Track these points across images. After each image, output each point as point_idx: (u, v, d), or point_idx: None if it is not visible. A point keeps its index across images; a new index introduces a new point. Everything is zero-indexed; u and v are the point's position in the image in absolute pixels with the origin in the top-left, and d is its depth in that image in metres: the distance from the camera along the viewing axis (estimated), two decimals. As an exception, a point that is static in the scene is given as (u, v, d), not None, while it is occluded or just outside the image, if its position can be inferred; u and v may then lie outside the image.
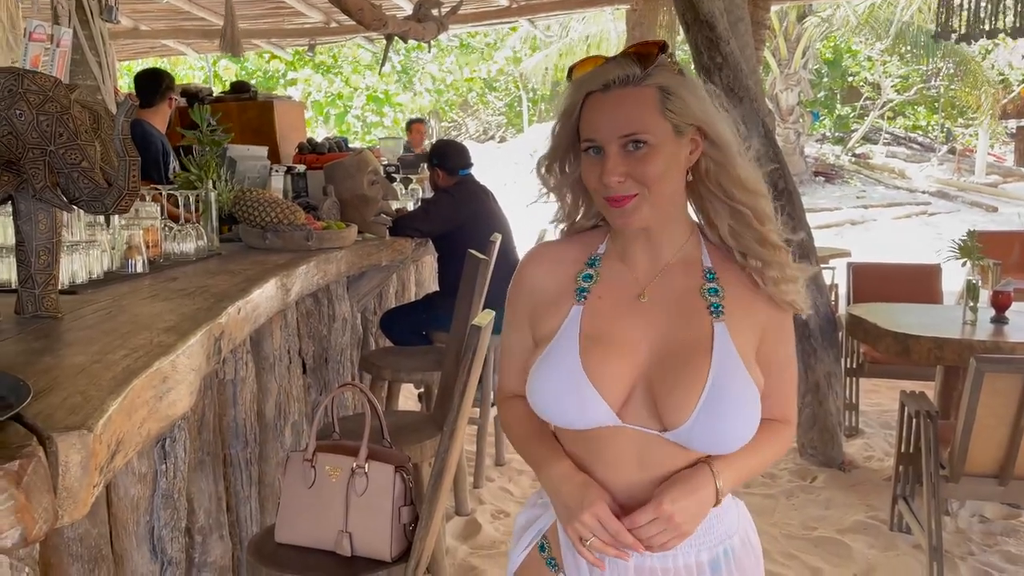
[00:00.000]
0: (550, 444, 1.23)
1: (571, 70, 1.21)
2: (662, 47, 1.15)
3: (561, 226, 1.31)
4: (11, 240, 1.60)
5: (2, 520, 0.83)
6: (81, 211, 1.81)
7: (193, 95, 5.28)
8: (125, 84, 11.10)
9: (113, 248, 2.09)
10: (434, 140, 6.17)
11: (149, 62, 9.82)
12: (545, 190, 1.27)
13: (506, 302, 1.30)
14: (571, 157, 1.22)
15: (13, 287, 1.67)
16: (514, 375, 1.28)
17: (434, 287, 5.22)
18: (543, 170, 1.25)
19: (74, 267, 1.85)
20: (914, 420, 2.96)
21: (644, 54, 1.13)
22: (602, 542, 1.12)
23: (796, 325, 1.26)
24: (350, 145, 5.62)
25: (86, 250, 1.90)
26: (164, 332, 1.43)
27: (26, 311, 1.48)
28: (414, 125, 8.70)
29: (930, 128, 20.05)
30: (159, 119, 3.95)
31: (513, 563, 1.29)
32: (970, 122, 18.60)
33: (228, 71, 16.67)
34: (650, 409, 1.14)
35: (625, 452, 1.16)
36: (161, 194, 2.53)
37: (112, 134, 1.46)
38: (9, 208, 1.51)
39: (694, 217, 1.25)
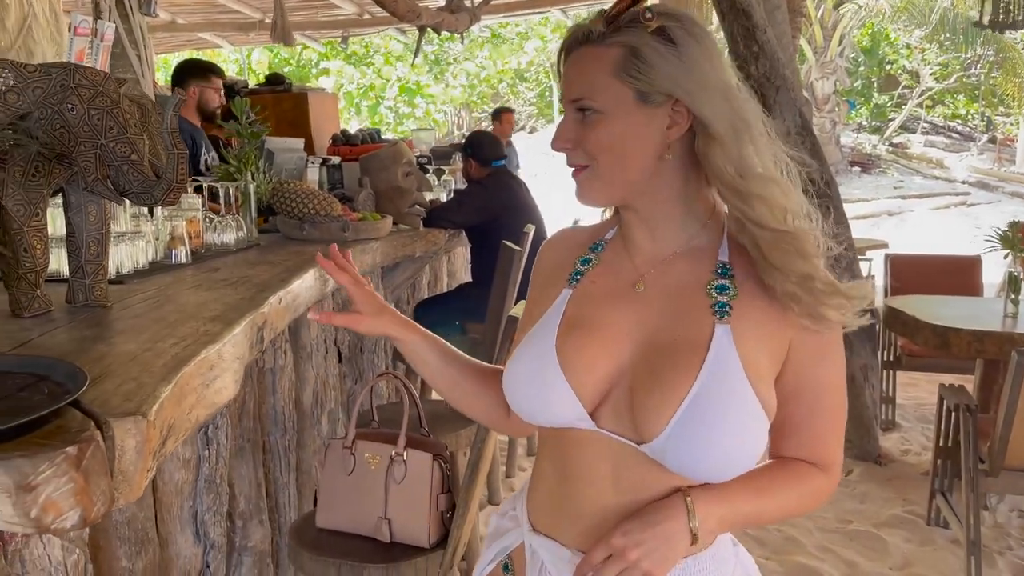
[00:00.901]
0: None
1: None
2: (632, 3, 0.99)
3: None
4: (61, 231, 1.64)
5: (62, 502, 0.86)
6: (126, 202, 1.85)
7: (229, 87, 5.34)
8: (162, 77, 11.26)
9: (157, 239, 2.13)
10: (465, 132, 6.18)
11: (185, 55, 9.94)
12: None
13: None
14: None
15: (63, 277, 1.72)
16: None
17: (466, 278, 5.24)
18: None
19: (120, 257, 1.89)
20: (953, 414, 2.92)
21: (613, 10, 0.99)
22: None
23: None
24: (383, 136, 5.67)
25: (132, 241, 1.95)
26: (210, 321, 1.46)
27: (77, 300, 1.52)
28: (504, 114, 7.84)
29: (970, 117, 19.65)
30: (186, 110, 3.97)
31: (479, 571, 1.19)
32: (1011, 111, 18.20)
33: (261, 64, 16.82)
34: (627, 414, 1.00)
35: (599, 465, 1.02)
36: (202, 186, 2.57)
37: (158, 127, 1.49)
38: (60, 200, 1.55)
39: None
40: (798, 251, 0.98)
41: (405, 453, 1.64)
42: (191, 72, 3.92)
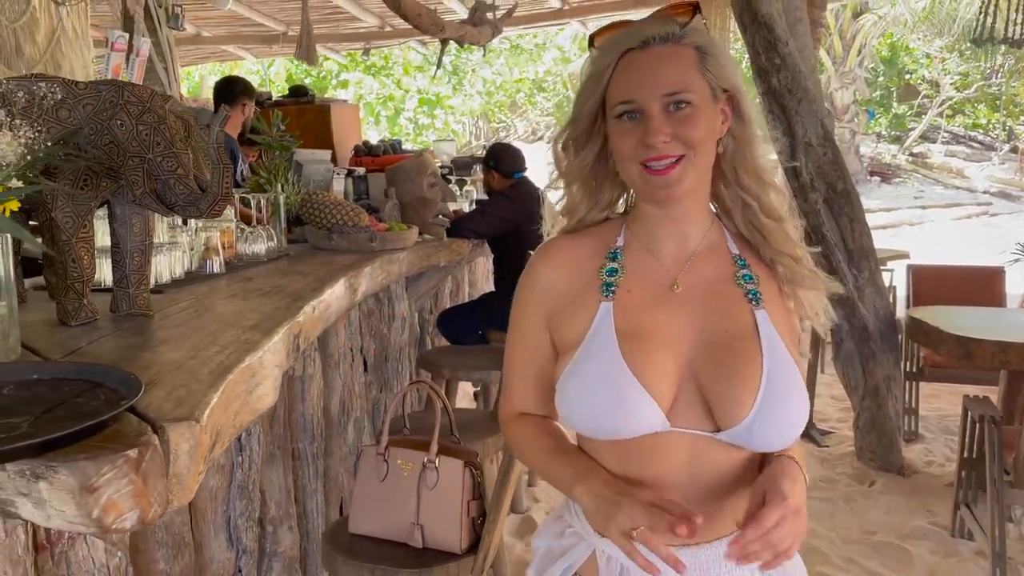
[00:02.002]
0: (581, 456, 1.12)
1: (592, 38, 1.14)
2: (696, 7, 1.09)
3: (556, 226, 1.21)
4: (103, 241, 1.69)
5: (122, 503, 0.90)
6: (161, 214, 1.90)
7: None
8: (185, 89, 11.40)
9: (192, 249, 2.18)
10: (484, 142, 6.19)
11: (208, 67, 10.08)
12: (556, 173, 1.18)
13: (513, 308, 1.20)
14: (588, 140, 1.13)
15: (104, 287, 1.76)
16: (525, 389, 1.18)
17: (487, 287, 5.28)
18: (559, 147, 1.16)
19: (158, 268, 1.94)
20: (977, 425, 2.92)
21: (682, 13, 1.09)
22: (648, 531, 0.95)
23: (855, 328, 1.26)
24: (403, 147, 5.72)
25: (168, 251, 1.99)
26: (249, 330, 1.50)
27: (120, 309, 1.56)
28: None
29: (991, 126, 19.50)
30: (230, 125, 4.10)
31: None
32: (1033, 120, 18.06)
33: (279, 76, 16.98)
34: (701, 408, 1.06)
35: (674, 460, 1.07)
36: (235, 198, 2.62)
37: (200, 142, 1.54)
38: (103, 211, 1.60)
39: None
40: (790, 236, 1.13)
41: (437, 460, 1.67)
42: (243, 90, 4.08)
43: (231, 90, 4.07)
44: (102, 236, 1.68)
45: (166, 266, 1.96)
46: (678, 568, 0.96)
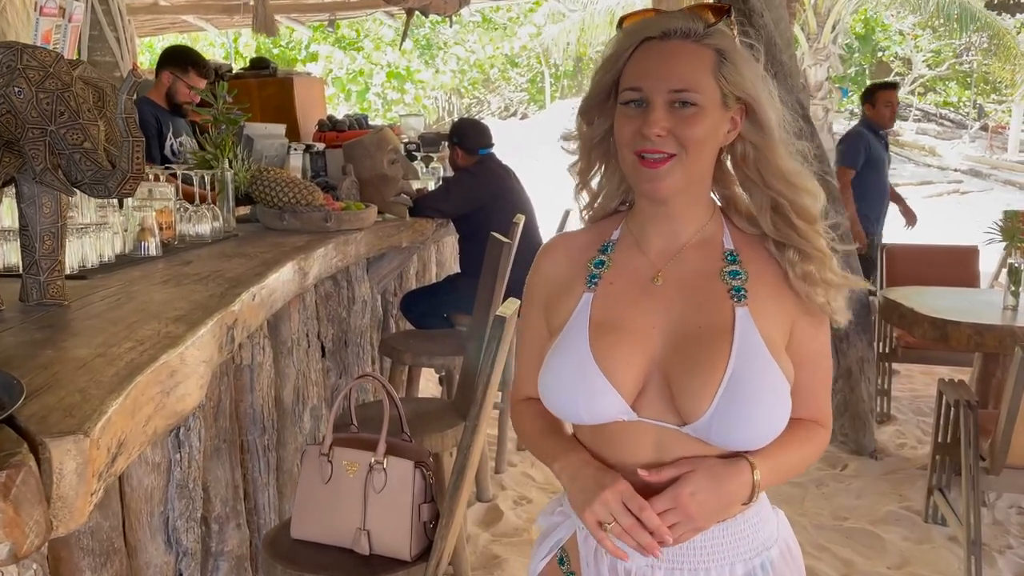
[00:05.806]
0: (567, 437, 1.17)
1: (622, 20, 1.14)
2: (727, 11, 1.10)
3: (584, 213, 1.24)
4: (17, 223, 1.54)
5: (-10, 535, 0.77)
6: (79, 194, 1.74)
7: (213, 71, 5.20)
8: (146, 60, 11.07)
9: (126, 230, 2.03)
10: (455, 118, 6.03)
11: (170, 38, 9.77)
12: (574, 142, 1.21)
13: (522, 297, 1.24)
14: (600, 113, 1.14)
15: (20, 272, 1.61)
16: (529, 376, 1.21)
17: (456, 268, 5.14)
18: (580, 115, 1.18)
19: (84, 250, 1.79)
20: (953, 410, 2.85)
21: (709, 12, 1.08)
22: (622, 528, 1.02)
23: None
24: (370, 122, 5.53)
25: (97, 232, 1.84)
26: (173, 322, 1.36)
27: (31, 298, 1.42)
28: (882, 94, 4.92)
29: (962, 104, 19.60)
30: (156, 93, 3.82)
31: (532, 572, 1.23)
32: (1003, 98, 18.18)
33: (249, 47, 16.57)
34: (667, 401, 1.07)
35: (641, 449, 1.08)
36: (175, 175, 2.46)
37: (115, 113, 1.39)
38: (13, 190, 1.44)
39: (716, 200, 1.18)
40: (821, 238, 1.10)
41: (385, 461, 1.54)
42: (171, 60, 3.79)
43: (161, 59, 3.81)
44: (12, 218, 1.52)
45: (93, 249, 1.81)
46: (654, 553, 1.03)
